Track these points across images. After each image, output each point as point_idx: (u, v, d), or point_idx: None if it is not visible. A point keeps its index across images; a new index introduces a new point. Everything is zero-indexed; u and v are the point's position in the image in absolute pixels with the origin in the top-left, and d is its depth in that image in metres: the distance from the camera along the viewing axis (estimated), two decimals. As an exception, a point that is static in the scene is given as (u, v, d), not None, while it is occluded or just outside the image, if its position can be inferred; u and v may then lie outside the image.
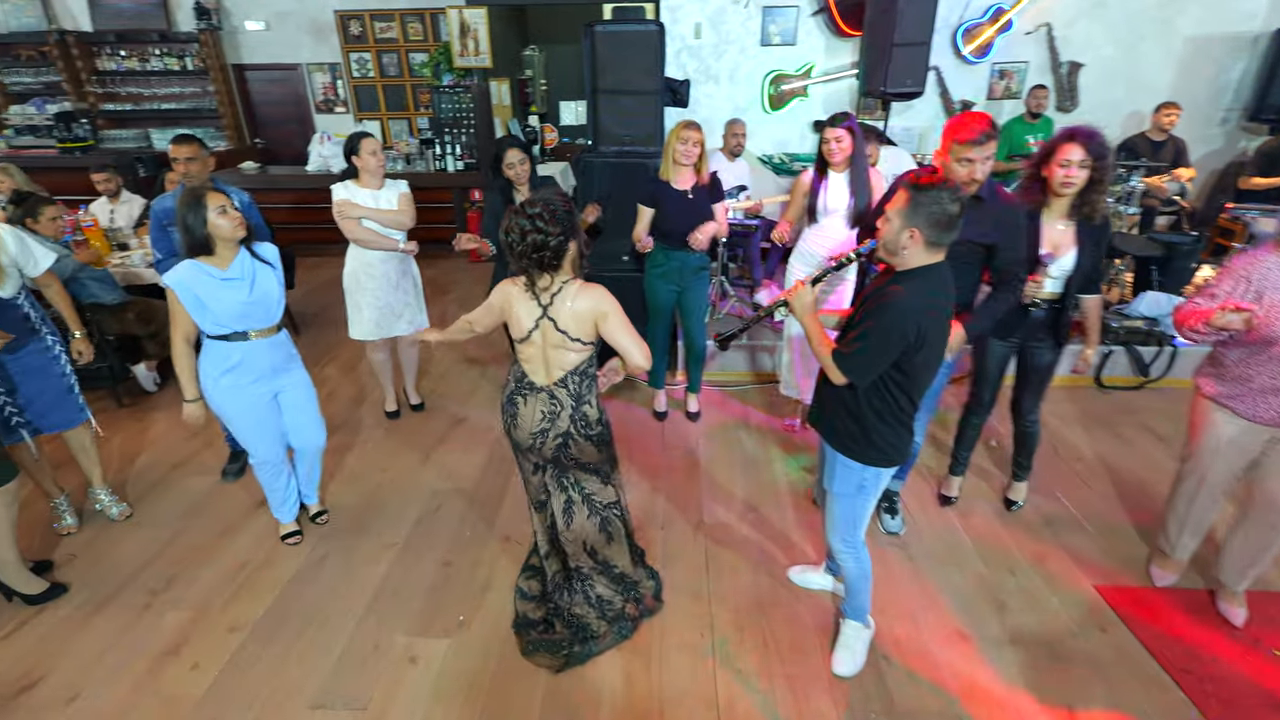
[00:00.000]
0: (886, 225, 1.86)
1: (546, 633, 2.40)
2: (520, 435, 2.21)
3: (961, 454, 3.13)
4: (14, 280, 2.59)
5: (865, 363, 1.89)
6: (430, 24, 7.27)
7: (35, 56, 7.50)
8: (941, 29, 5.49)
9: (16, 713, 2.16)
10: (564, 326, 2.05)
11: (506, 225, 1.97)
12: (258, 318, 2.50)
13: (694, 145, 3.16)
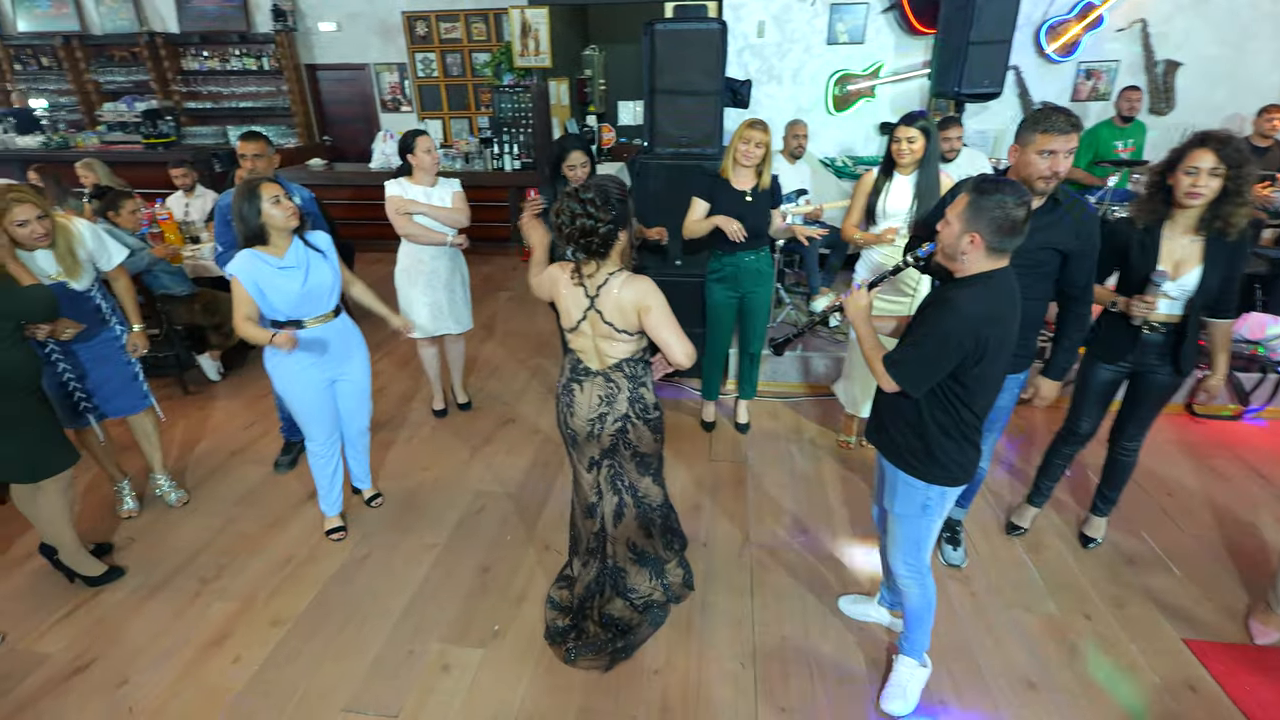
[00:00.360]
0: (946, 229, 1.75)
1: (580, 639, 2.36)
2: (577, 424, 2.18)
3: (1044, 484, 2.91)
4: (89, 274, 2.69)
5: (918, 370, 1.79)
6: (494, 24, 7.32)
7: (127, 57, 7.92)
8: (1024, 26, 5.18)
9: (69, 694, 2.22)
10: (609, 318, 2.03)
11: (558, 207, 1.97)
12: (312, 305, 2.55)
13: (757, 146, 3.03)
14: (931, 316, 1.77)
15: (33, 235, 2.41)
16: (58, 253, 2.54)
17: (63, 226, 2.57)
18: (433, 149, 3.27)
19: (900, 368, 1.81)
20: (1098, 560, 2.82)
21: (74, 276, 2.60)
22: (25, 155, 7.05)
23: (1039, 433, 3.74)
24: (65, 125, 8.09)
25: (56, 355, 2.66)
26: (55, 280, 2.55)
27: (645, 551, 2.47)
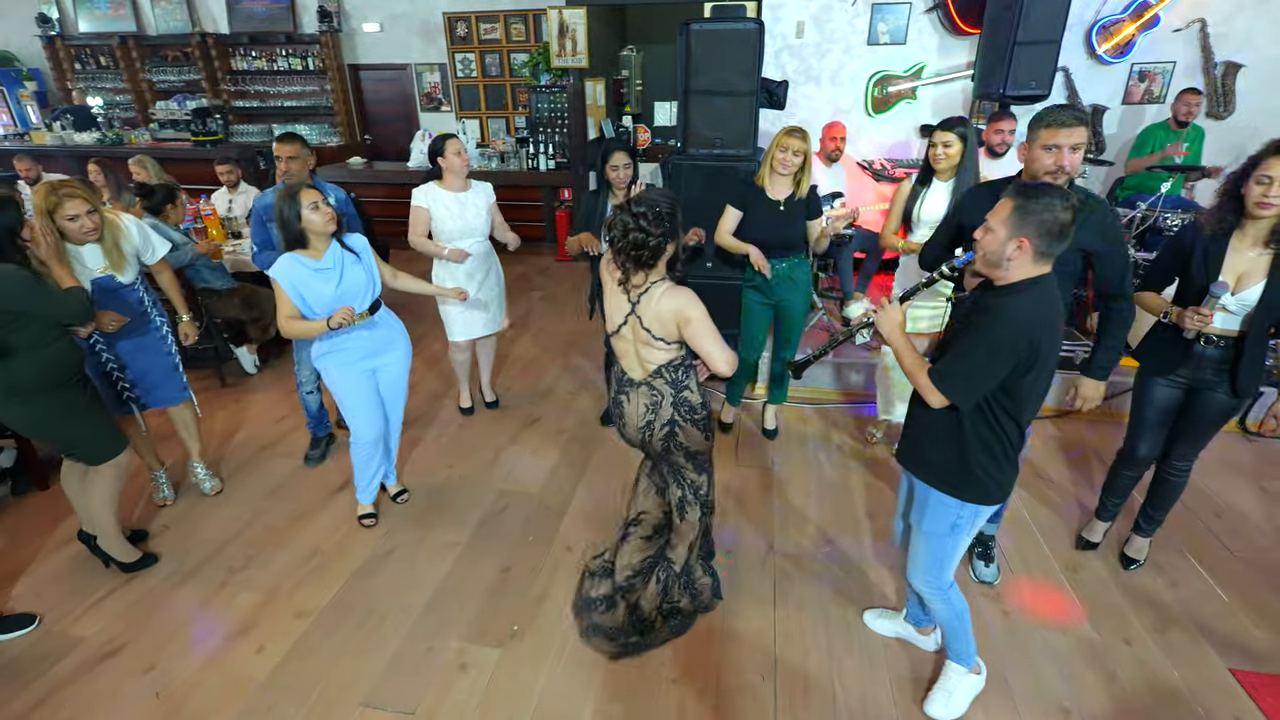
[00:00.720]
0: (989, 235, 1.68)
1: (607, 612, 2.44)
2: (629, 432, 2.26)
3: (1111, 501, 2.81)
4: (133, 267, 2.76)
5: (968, 382, 1.71)
6: (532, 24, 7.37)
7: (180, 57, 8.19)
8: (1074, 26, 4.99)
9: (100, 677, 2.28)
10: (648, 325, 2.07)
11: (610, 220, 2.04)
12: (350, 303, 2.57)
13: (795, 155, 2.96)
14: (979, 324, 1.69)
15: (82, 230, 2.49)
16: (104, 247, 2.61)
17: (110, 221, 2.65)
18: (463, 151, 3.28)
19: (950, 380, 1.73)
20: (1139, 582, 2.70)
21: (119, 270, 2.68)
22: (81, 151, 7.33)
23: (1093, 447, 3.60)
24: (120, 122, 8.40)
25: (100, 345, 2.75)
26: (102, 274, 2.63)
27: (674, 559, 2.46)
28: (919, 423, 1.94)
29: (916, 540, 2.02)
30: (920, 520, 1.97)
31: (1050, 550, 2.87)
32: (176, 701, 2.19)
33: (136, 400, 2.92)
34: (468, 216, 3.34)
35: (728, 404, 3.75)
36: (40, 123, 8.41)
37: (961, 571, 2.65)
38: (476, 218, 3.38)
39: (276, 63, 7.99)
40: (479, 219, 3.39)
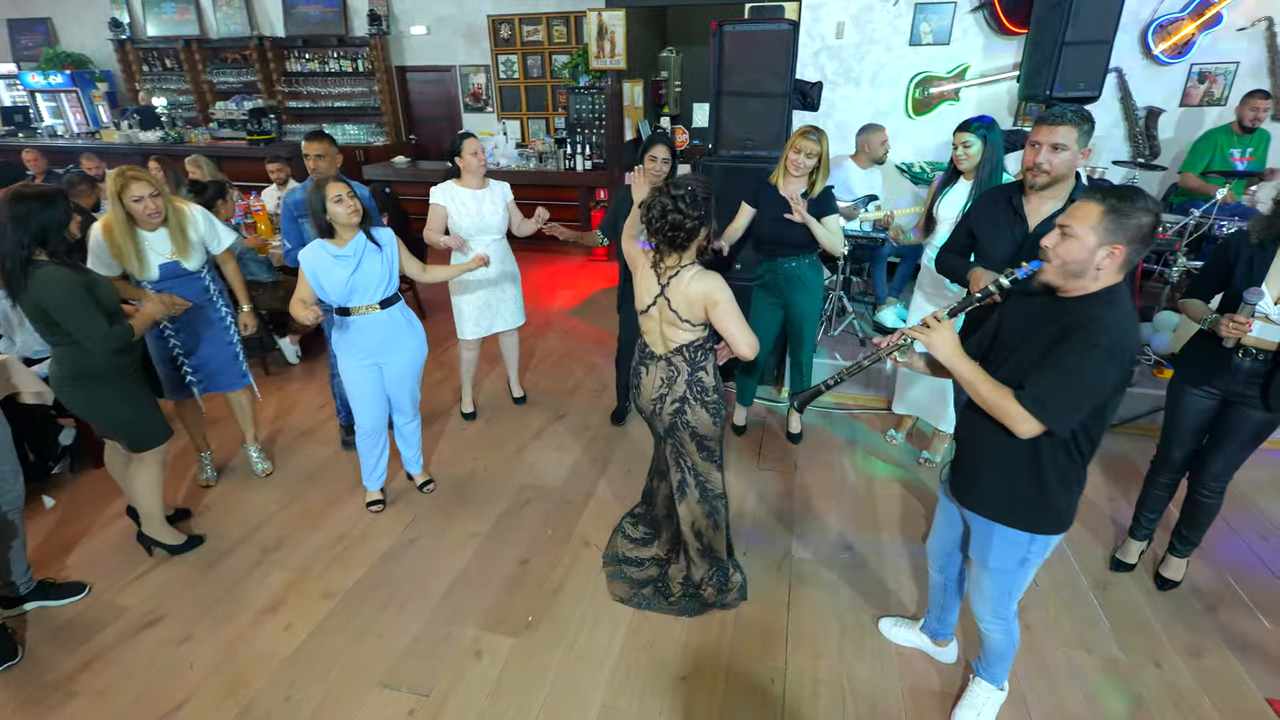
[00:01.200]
0: (1072, 242, 1.52)
1: (637, 567, 2.67)
2: (642, 402, 2.37)
3: (1145, 516, 2.71)
4: (199, 255, 2.91)
5: (1073, 405, 1.53)
6: (574, 26, 7.45)
7: (238, 59, 8.54)
8: (1129, 25, 4.83)
9: (139, 645, 2.42)
10: (676, 307, 2.16)
11: (649, 201, 2.10)
12: (360, 294, 2.69)
13: (808, 157, 2.97)
14: (1077, 340, 1.50)
15: (146, 211, 2.64)
16: (171, 233, 2.76)
17: (178, 208, 2.80)
18: (479, 151, 3.32)
19: (1052, 408, 1.52)
20: (1174, 603, 2.60)
21: (185, 256, 2.82)
22: (145, 149, 7.71)
23: (1130, 461, 3.48)
24: (182, 122, 8.80)
25: (168, 330, 2.90)
26: (168, 259, 2.78)
27: (714, 549, 2.52)
28: (979, 454, 1.78)
29: (980, 575, 1.91)
30: (985, 557, 1.85)
31: (1080, 566, 2.79)
32: (208, 672, 2.30)
33: (198, 384, 3.07)
34: (484, 214, 3.40)
35: (740, 405, 3.75)
36: (109, 122, 8.88)
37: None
38: (493, 215, 3.43)
39: (328, 65, 8.26)
40: (495, 217, 3.44)
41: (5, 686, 2.25)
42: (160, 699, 2.20)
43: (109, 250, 2.68)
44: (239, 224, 4.59)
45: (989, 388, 1.60)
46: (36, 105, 9.20)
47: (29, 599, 2.55)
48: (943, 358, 1.67)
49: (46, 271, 2.25)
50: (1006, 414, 1.57)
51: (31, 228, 2.21)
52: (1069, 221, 1.54)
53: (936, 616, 2.29)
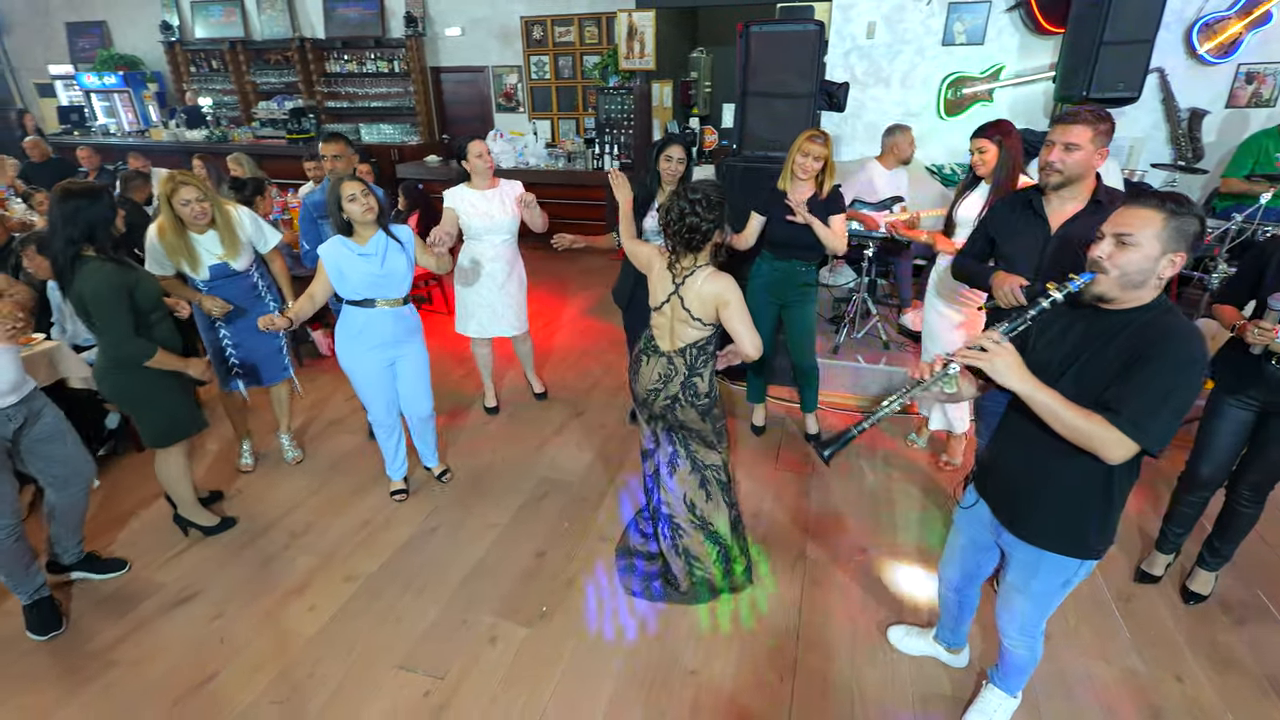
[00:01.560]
0: (1133, 251, 1.42)
1: (645, 559, 2.72)
2: (638, 388, 2.46)
3: (1172, 531, 2.65)
4: (248, 255, 3.03)
5: (1172, 423, 1.42)
6: (605, 28, 7.51)
7: (280, 60, 8.80)
8: (1172, 24, 4.70)
9: (174, 620, 2.54)
10: (689, 305, 2.25)
11: (667, 205, 2.20)
12: (385, 289, 2.79)
13: (815, 160, 2.98)
14: (1169, 356, 1.41)
15: (193, 214, 2.77)
16: (220, 234, 2.89)
17: (226, 212, 2.92)
18: (484, 154, 3.34)
19: (1149, 429, 1.41)
20: (1200, 617, 2.53)
21: (234, 257, 2.95)
22: (190, 147, 8.01)
23: (1160, 471, 3.40)
24: (226, 121, 9.11)
25: (219, 323, 3.03)
26: (219, 260, 2.90)
27: (708, 521, 2.54)
28: (1044, 484, 1.64)
29: (1013, 598, 1.84)
30: (1028, 583, 1.77)
31: (1102, 576, 2.74)
32: (237, 648, 2.40)
33: (244, 376, 3.19)
34: (493, 214, 3.42)
35: (754, 405, 3.76)
36: (158, 121, 9.23)
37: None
38: (503, 215, 3.45)
39: (366, 66, 8.46)
40: (505, 217, 3.45)
41: (51, 653, 2.39)
42: (192, 671, 2.31)
43: (164, 251, 2.81)
44: (275, 220, 4.75)
45: (1076, 415, 1.45)
46: (91, 105, 9.60)
47: (75, 568, 2.70)
48: (1012, 383, 1.48)
49: (92, 267, 2.37)
50: (1100, 441, 1.43)
51: (79, 224, 2.33)
52: (1128, 229, 1.43)
53: (951, 629, 2.27)
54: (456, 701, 2.20)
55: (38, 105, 10.30)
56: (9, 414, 2.28)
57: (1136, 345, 1.45)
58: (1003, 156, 2.77)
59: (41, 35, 9.89)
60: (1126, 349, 1.46)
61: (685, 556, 2.57)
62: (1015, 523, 1.74)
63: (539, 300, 5.56)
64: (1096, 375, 1.50)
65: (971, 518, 1.92)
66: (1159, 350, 1.42)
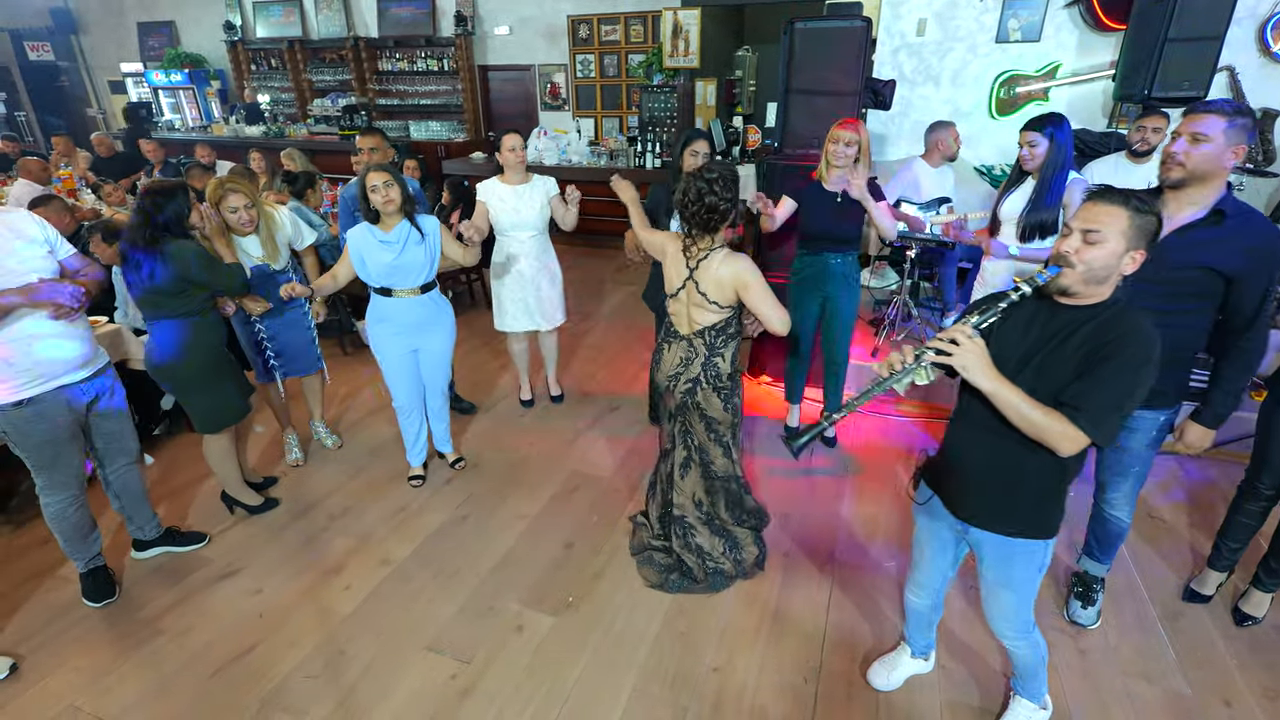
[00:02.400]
0: (1099, 248, 1.44)
1: (661, 552, 2.69)
2: (660, 376, 2.47)
3: (1227, 546, 2.52)
4: (285, 255, 3.14)
5: (1123, 420, 1.49)
6: (651, 26, 7.52)
7: (335, 59, 9.07)
8: (1244, 20, 4.47)
9: (218, 593, 2.65)
10: (704, 289, 2.24)
11: (684, 186, 2.19)
12: (401, 278, 2.86)
13: (847, 145, 2.94)
14: (1128, 355, 1.43)
15: (240, 222, 2.89)
16: (262, 239, 3.00)
17: (268, 214, 3.03)
18: (517, 148, 3.36)
19: (1104, 425, 1.45)
20: (1252, 640, 2.41)
21: (273, 260, 3.04)
22: (248, 142, 8.32)
23: (1215, 484, 3.25)
24: (283, 118, 9.43)
25: (256, 319, 3.14)
26: (259, 262, 3.01)
27: (713, 517, 2.60)
28: (1012, 477, 1.64)
29: (998, 594, 1.83)
30: (1008, 574, 1.77)
31: (1148, 593, 2.63)
32: (275, 622, 2.50)
33: (280, 369, 3.31)
34: (521, 210, 3.44)
35: (790, 404, 3.72)
36: (220, 117, 9.61)
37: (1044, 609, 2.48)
38: (531, 211, 3.46)
39: (416, 64, 8.66)
40: (533, 213, 3.47)
41: (104, 619, 2.53)
42: (232, 643, 2.41)
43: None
44: (326, 212, 4.90)
45: (1038, 411, 1.46)
46: (158, 101, 10.05)
47: (158, 544, 2.84)
48: (979, 381, 1.49)
49: (176, 244, 2.53)
50: (1057, 436, 1.46)
51: (162, 217, 2.50)
52: (1095, 224, 1.45)
53: (924, 635, 2.19)
54: (481, 685, 2.25)
55: (109, 101, 10.85)
56: (84, 388, 2.41)
57: (1097, 342, 1.47)
58: (1053, 151, 2.67)
59: (115, 34, 10.40)
60: (1086, 345, 1.48)
61: (698, 553, 2.59)
62: (981, 515, 1.74)
63: (574, 296, 5.59)
64: (1057, 371, 1.51)
65: (930, 514, 1.89)
66: (1120, 350, 1.44)
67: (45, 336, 2.26)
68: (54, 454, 2.36)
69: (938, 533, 1.90)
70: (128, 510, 2.74)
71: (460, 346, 4.71)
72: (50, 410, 2.31)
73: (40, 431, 2.31)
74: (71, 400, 2.37)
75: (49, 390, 2.30)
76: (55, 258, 2.33)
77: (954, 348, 1.49)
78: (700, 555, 2.59)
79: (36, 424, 2.29)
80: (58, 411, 2.33)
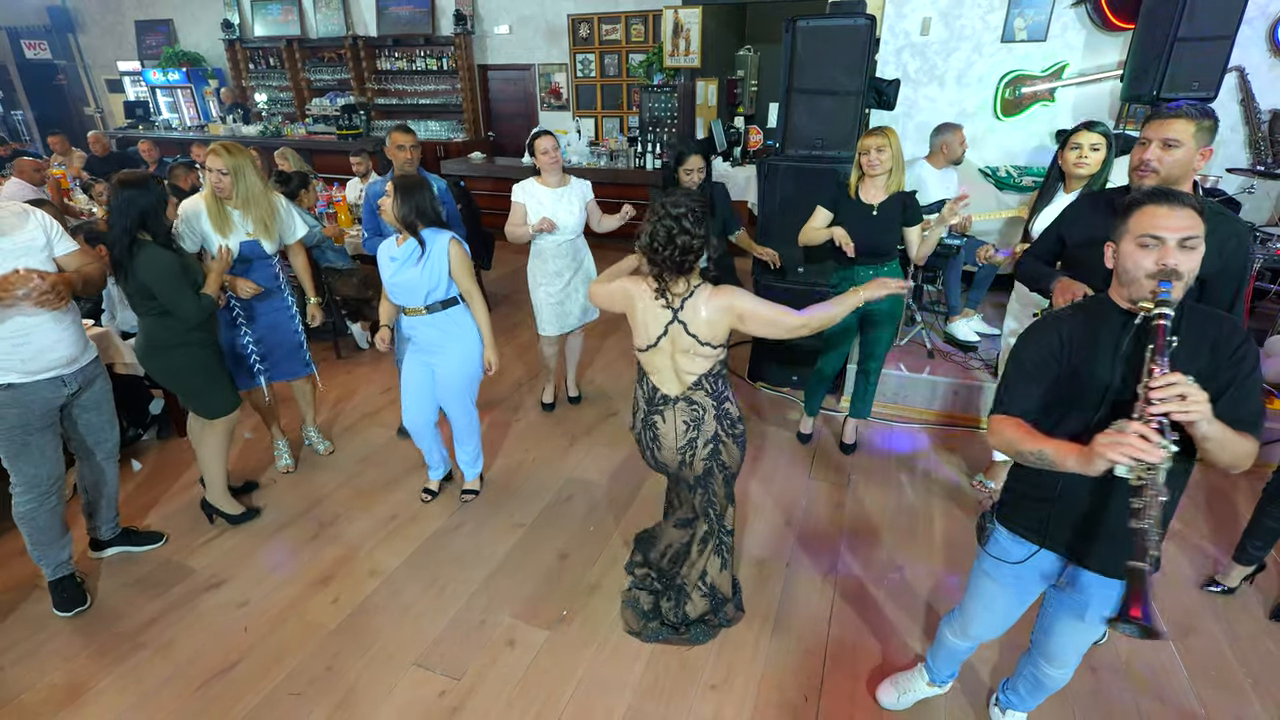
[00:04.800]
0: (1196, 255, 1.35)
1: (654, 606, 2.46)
2: (666, 456, 2.14)
3: (1252, 544, 2.50)
4: (276, 241, 3.05)
5: None
6: (652, 25, 7.45)
7: (334, 58, 9.00)
8: (1255, 19, 4.40)
9: (203, 604, 2.58)
10: (695, 331, 1.99)
11: (651, 230, 1.91)
12: (404, 296, 2.72)
13: (879, 151, 2.84)
14: (1248, 350, 1.36)
15: (215, 182, 2.79)
16: (254, 215, 2.89)
17: (263, 194, 2.91)
18: (550, 149, 3.31)
19: (1260, 426, 1.37)
20: (1266, 659, 2.33)
21: (265, 237, 2.95)
22: (245, 142, 8.24)
23: (1225, 495, 3.17)
24: (281, 117, 9.36)
25: (241, 320, 3.06)
26: (250, 238, 2.93)
27: (716, 588, 2.39)
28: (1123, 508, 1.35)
29: (1086, 634, 1.67)
30: (1098, 613, 1.59)
31: (1163, 606, 2.55)
32: (260, 636, 2.42)
33: (265, 372, 3.20)
34: (559, 214, 3.40)
35: (806, 415, 3.63)
36: (217, 116, 9.55)
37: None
38: (569, 215, 3.43)
39: (415, 63, 8.58)
40: (571, 216, 3.44)
41: (83, 633, 2.45)
42: (216, 658, 2.33)
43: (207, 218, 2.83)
44: (321, 213, 4.83)
45: (1238, 439, 1.30)
46: (156, 100, 9.99)
47: (114, 543, 2.79)
48: (1205, 427, 1.24)
49: (150, 252, 2.46)
50: (1249, 458, 1.34)
51: (133, 211, 2.43)
52: (1189, 230, 1.32)
53: (949, 667, 2.08)
54: (471, 703, 2.17)
55: (107, 100, 10.79)
56: (65, 380, 2.36)
57: (1215, 346, 1.35)
58: (1109, 158, 2.54)
59: (113, 33, 10.34)
60: (1220, 354, 1.35)
61: (686, 620, 2.39)
62: (1110, 564, 1.51)
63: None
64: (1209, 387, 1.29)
65: (1023, 570, 1.65)
66: (1242, 350, 1.34)
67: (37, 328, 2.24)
68: (23, 442, 2.31)
69: (1025, 588, 1.70)
70: (94, 507, 2.70)
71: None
72: (26, 397, 2.27)
73: (11, 416, 2.26)
74: (53, 390, 2.33)
75: (31, 383, 2.27)
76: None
77: (1186, 403, 1.21)
78: (688, 620, 2.39)
79: (9, 408, 2.25)
80: (35, 400, 2.29)
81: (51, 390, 2.33)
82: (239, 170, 2.81)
